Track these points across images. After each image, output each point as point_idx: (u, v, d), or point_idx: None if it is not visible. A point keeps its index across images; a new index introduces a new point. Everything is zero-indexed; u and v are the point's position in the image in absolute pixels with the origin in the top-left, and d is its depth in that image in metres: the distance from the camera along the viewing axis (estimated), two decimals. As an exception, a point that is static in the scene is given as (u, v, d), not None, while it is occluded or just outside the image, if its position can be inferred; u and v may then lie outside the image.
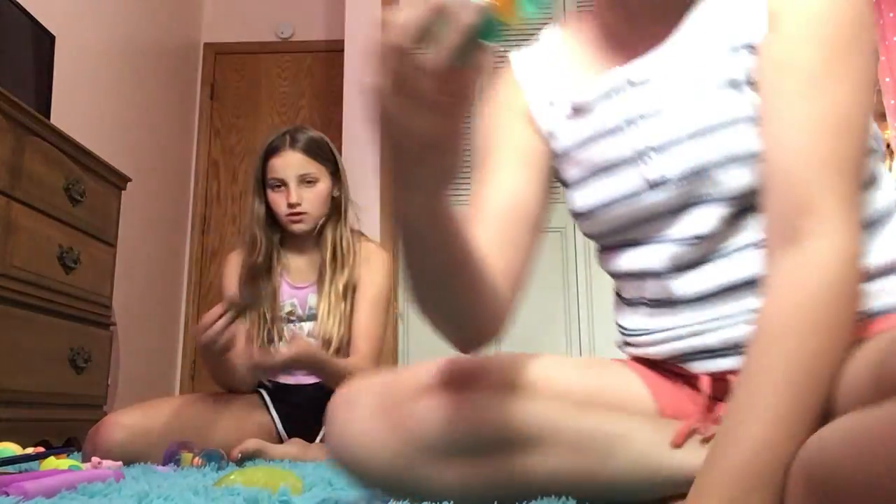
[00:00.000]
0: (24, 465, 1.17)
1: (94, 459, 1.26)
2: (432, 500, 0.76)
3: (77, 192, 2.34)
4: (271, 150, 1.95)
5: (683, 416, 0.80)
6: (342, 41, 3.78)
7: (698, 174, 0.79)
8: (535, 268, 0.88)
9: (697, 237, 0.81)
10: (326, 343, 1.90)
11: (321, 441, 1.81)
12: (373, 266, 1.97)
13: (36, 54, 2.65)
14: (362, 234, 2.06)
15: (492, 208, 0.86)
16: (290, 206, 1.90)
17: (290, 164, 1.92)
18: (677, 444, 0.75)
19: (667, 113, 0.82)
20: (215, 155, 4.46)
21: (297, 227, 1.93)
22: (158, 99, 3.94)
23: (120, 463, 1.32)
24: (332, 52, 4.22)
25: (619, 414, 0.79)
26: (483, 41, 0.55)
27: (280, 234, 1.99)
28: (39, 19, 2.65)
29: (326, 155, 1.98)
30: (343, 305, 1.91)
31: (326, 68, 4.44)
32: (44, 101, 2.63)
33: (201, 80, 4.49)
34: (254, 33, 4.53)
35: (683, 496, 0.69)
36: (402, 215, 0.66)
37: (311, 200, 1.92)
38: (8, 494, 0.83)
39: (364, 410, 0.78)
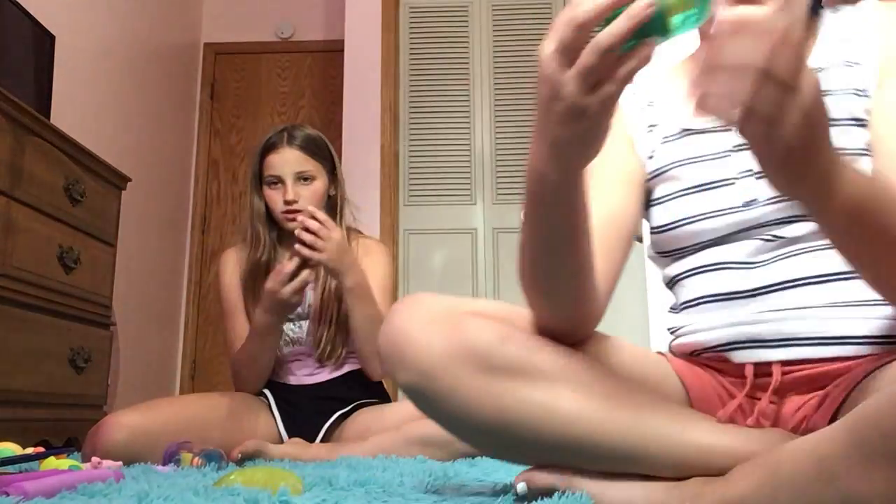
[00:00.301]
0: (24, 465, 1.17)
1: (94, 459, 1.25)
2: (455, 410, 0.80)
3: (77, 192, 2.34)
4: (268, 147, 1.94)
5: (712, 411, 0.85)
6: (342, 41, 3.78)
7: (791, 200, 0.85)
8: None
9: (777, 236, 0.88)
10: (316, 343, 1.90)
11: (321, 441, 1.81)
12: (374, 258, 1.97)
13: (36, 54, 2.65)
14: (360, 232, 2.06)
15: (592, 218, 0.92)
16: (287, 203, 1.89)
17: (287, 161, 1.91)
18: (721, 421, 0.81)
19: None
20: (215, 155, 4.46)
21: (293, 225, 1.92)
22: (158, 99, 3.94)
23: (120, 463, 1.32)
24: (332, 52, 4.23)
25: (651, 390, 0.84)
26: (649, 36, 0.62)
27: (277, 231, 1.98)
28: (39, 19, 2.65)
29: (323, 153, 1.97)
30: (335, 306, 1.90)
31: (326, 68, 4.44)
32: (44, 101, 2.63)
33: (201, 80, 4.49)
34: (254, 33, 4.54)
35: (698, 475, 0.74)
36: (539, 172, 0.72)
37: (307, 198, 1.91)
38: (8, 494, 0.83)
39: (424, 314, 0.83)
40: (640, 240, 2.74)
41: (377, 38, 3.75)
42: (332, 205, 1.98)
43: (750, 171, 0.90)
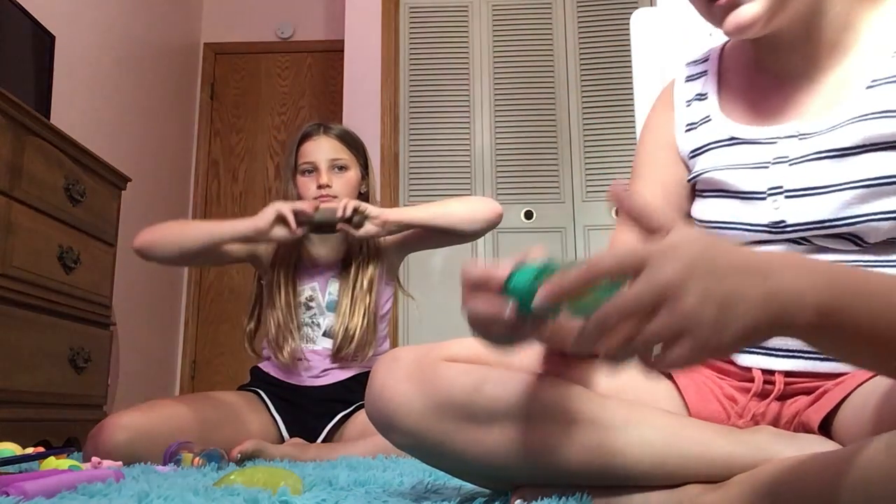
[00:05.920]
0: (24, 465, 1.17)
1: (94, 459, 1.26)
2: (451, 460, 0.82)
3: (77, 192, 2.34)
4: (304, 136, 1.99)
5: (711, 418, 0.84)
6: (342, 41, 3.78)
7: (819, 225, 0.83)
8: None
9: (804, 240, 0.86)
10: (347, 337, 1.88)
11: (322, 441, 1.81)
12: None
13: (36, 54, 2.65)
14: None
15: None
16: (320, 187, 1.92)
17: (322, 148, 1.96)
18: (734, 424, 0.81)
19: (812, 164, 0.86)
20: (215, 155, 4.45)
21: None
22: (158, 99, 3.94)
23: (120, 463, 1.32)
24: (332, 52, 4.23)
25: (637, 403, 0.82)
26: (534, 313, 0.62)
27: None
28: (39, 19, 2.65)
29: (357, 146, 2.03)
30: (368, 299, 1.91)
31: (326, 68, 4.44)
32: (44, 101, 2.63)
33: (201, 80, 4.49)
34: (254, 33, 4.54)
35: (696, 482, 0.74)
36: None
37: (340, 187, 1.94)
38: (8, 494, 0.83)
39: (400, 372, 0.84)
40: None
41: (377, 38, 3.75)
42: (364, 201, 2.00)
43: (780, 188, 0.86)
